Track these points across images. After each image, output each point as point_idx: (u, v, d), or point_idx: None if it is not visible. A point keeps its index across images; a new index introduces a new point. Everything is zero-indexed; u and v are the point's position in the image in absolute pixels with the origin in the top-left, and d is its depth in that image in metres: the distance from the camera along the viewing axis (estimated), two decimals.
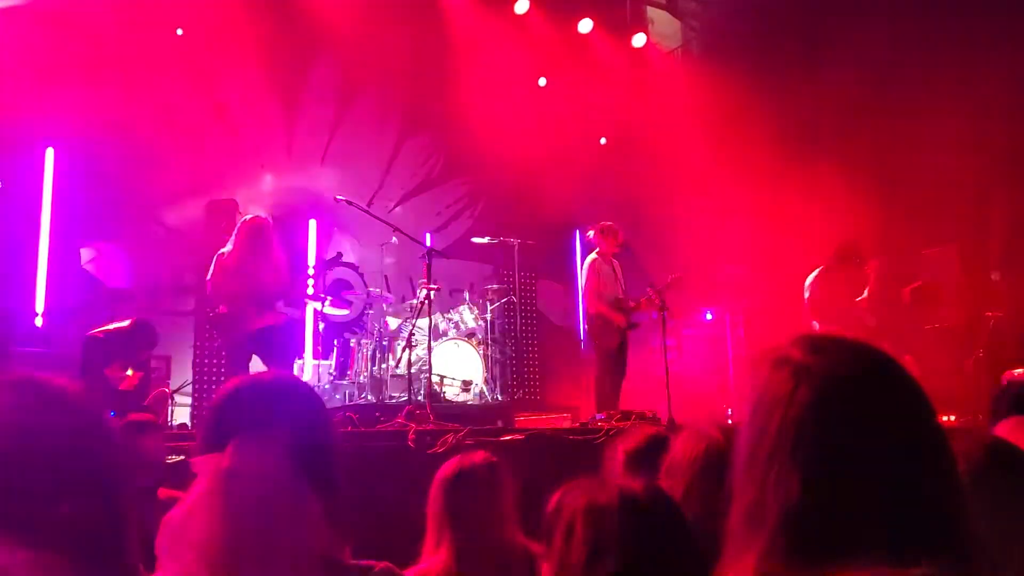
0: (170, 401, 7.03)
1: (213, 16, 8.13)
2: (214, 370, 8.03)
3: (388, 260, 8.29)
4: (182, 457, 3.78)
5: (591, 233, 7.04)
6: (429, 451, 4.42)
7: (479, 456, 2.56)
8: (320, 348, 8.12)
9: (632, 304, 6.96)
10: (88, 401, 1.16)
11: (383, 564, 1.62)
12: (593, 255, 7.07)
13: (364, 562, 1.54)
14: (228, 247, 6.00)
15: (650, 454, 2.46)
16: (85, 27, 7.41)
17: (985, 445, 1.39)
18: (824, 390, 1.01)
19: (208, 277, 5.95)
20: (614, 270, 7.07)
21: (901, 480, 0.97)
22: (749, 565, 0.99)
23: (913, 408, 1.02)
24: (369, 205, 8.75)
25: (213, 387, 7.67)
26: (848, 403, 1.00)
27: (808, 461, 0.99)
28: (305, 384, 1.64)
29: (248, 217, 6.21)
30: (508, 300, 8.62)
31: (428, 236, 9.13)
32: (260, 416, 1.35)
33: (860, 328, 6.11)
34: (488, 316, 8.20)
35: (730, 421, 6.00)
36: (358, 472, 3.60)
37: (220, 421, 1.39)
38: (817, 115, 8.44)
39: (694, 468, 2.13)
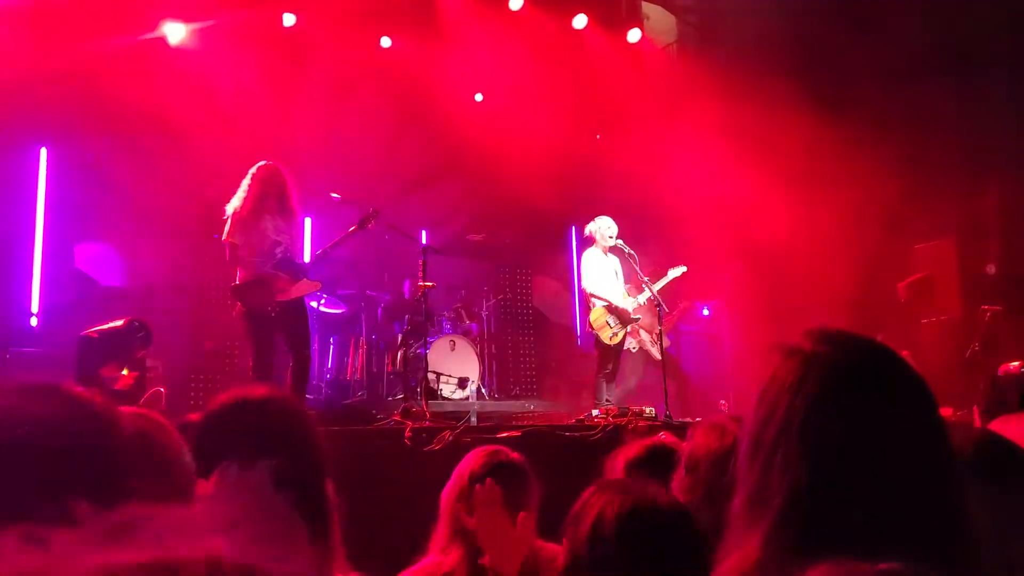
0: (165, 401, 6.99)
1: (207, 14, 8.10)
2: (209, 370, 8.00)
3: (383, 258, 8.26)
4: None
5: (589, 228, 7.02)
6: (425, 448, 4.41)
7: (514, 453, 2.38)
8: (316, 346, 8.09)
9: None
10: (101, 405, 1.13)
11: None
12: (590, 250, 7.05)
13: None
14: (238, 201, 5.50)
15: (650, 464, 2.42)
16: (79, 25, 7.38)
17: (976, 439, 1.40)
18: (832, 378, 1.04)
19: (224, 239, 5.43)
20: (612, 265, 7.05)
21: (903, 469, 0.99)
22: (753, 548, 1.00)
23: (916, 400, 1.05)
24: (365, 203, 8.71)
25: (209, 387, 7.65)
26: (855, 392, 1.03)
27: (815, 446, 1.01)
28: (294, 404, 1.54)
29: (264, 163, 5.66)
30: (504, 297, 8.62)
31: (424, 233, 9.10)
32: (245, 441, 1.31)
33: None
34: (484, 313, 8.19)
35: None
36: (354, 470, 3.59)
37: (206, 443, 1.35)
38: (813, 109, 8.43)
39: (719, 465, 2.00)
